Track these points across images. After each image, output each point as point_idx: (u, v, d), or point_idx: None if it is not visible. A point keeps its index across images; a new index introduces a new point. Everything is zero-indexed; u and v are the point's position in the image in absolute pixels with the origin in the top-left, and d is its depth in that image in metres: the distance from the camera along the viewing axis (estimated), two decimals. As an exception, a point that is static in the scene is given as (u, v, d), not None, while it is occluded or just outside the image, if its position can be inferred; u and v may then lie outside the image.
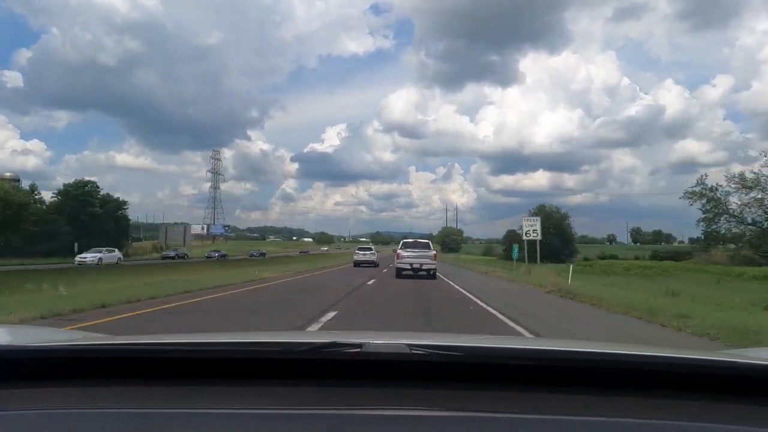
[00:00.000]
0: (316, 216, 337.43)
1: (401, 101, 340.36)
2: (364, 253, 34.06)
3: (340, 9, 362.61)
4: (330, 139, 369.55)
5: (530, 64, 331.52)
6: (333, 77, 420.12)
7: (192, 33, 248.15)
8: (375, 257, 33.76)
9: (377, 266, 31.12)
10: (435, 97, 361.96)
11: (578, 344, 1.61)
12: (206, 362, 1.22)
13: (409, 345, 1.14)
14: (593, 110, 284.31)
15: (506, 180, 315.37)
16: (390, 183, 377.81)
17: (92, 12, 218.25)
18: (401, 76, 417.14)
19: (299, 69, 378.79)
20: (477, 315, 10.23)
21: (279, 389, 1.10)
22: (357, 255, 34.16)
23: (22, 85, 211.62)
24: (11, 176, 62.85)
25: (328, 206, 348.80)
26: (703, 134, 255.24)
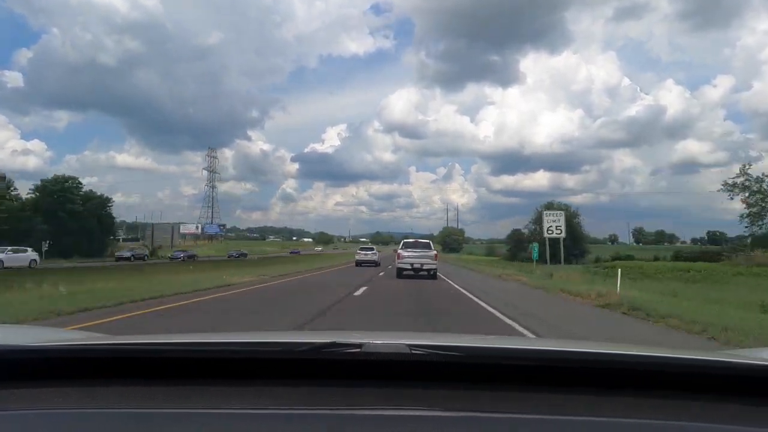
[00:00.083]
0: (317, 216, 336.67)
1: (401, 101, 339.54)
2: (366, 253, 35.03)
3: (341, 9, 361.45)
4: (330, 140, 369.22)
5: (531, 65, 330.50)
6: (333, 77, 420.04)
7: (192, 33, 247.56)
8: (376, 257, 34.52)
9: (378, 265, 31.88)
10: (435, 98, 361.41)
11: (577, 344, 1.58)
12: (206, 362, 1.21)
13: (409, 345, 1.14)
14: (594, 110, 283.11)
15: (507, 180, 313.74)
16: (390, 183, 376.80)
17: (93, 12, 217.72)
18: (402, 77, 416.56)
19: (300, 69, 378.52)
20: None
21: (279, 389, 1.10)
22: (359, 255, 35.31)
23: (23, 85, 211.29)
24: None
25: (329, 206, 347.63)
26: (704, 134, 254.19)
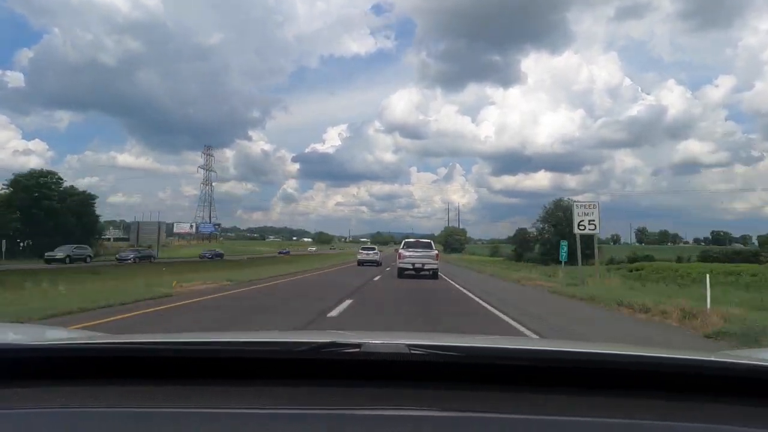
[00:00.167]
0: (317, 216, 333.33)
1: (402, 101, 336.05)
2: (368, 253, 35.15)
3: (342, 9, 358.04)
4: (331, 140, 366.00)
5: (532, 65, 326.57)
6: (334, 77, 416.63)
7: (193, 33, 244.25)
8: (378, 257, 34.64)
9: (380, 265, 32.02)
10: (436, 98, 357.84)
11: (577, 345, 1.60)
12: (206, 362, 1.22)
13: (409, 345, 1.14)
14: (595, 110, 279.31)
15: (508, 180, 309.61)
16: (391, 183, 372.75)
17: (94, 12, 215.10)
18: (402, 77, 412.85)
19: (301, 69, 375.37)
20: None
21: (279, 389, 1.10)
22: (360, 254, 35.41)
23: (24, 86, 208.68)
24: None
25: (330, 207, 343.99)
26: (706, 135, 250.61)
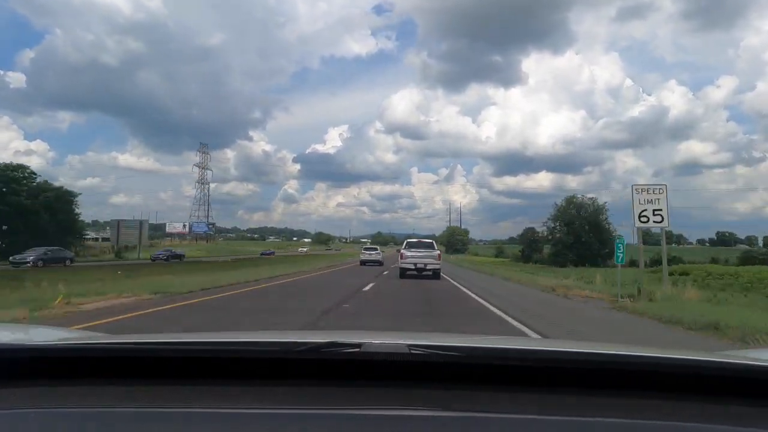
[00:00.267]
0: (318, 217, 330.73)
1: (404, 102, 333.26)
2: (370, 253, 36.37)
3: (343, 9, 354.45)
4: (332, 140, 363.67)
5: (533, 65, 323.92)
6: (335, 78, 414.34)
7: (195, 33, 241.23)
8: (380, 257, 35.56)
9: (381, 264, 32.45)
10: (437, 98, 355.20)
11: (577, 345, 1.59)
12: (206, 362, 1.21)
13: (409, 345, 1.13)
14: (596, 111, 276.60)
15: (509, 181, 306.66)
16: (392, 184, 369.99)
17: (95, 12, 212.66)
18: (404, 77, 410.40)
19: (302, 70, 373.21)
20: None
21: (279, 389, 1.10)
22: (363, 254, 36.78)
23: (26, 86, 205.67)
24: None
25: (330, 207, 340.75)
26: (707, 135, 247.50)
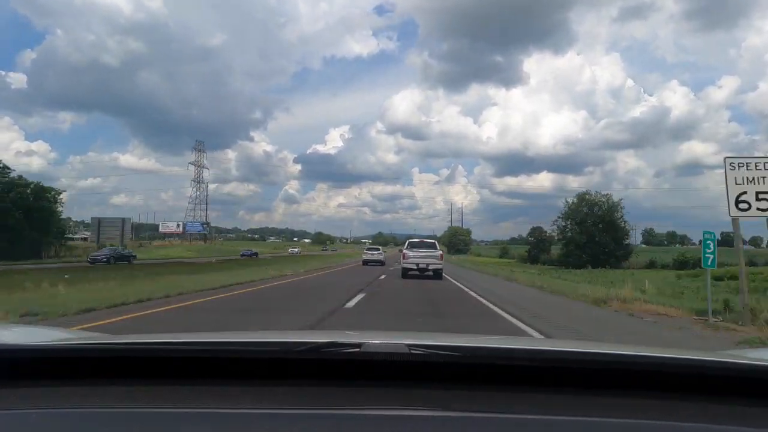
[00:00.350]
0: (319, 218, 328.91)
1: (405, 102, 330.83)
2: (372, 253, 37.29)
3: (344, 10, 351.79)
4: (333, 141, 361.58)
5: (534, 65, 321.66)
6: (337, 78, 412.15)
7: (195, 34, 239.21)
8: (382, 256, 36.09)
9: (384, 264, 32.97)
10: (438, 99, 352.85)
11: (577, 345, 1.54)
12: (206, 362, 1.21)
13: (409, 345, 1.13)
14: (598, 112, 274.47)
15: (510, 181, 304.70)
16: (393, 184, 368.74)
17: (96, 13, 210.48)
18: (405, 78, 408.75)
19: (303, 70, 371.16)
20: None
21: (279, 389, 1.09)
22: (365, 254, 37.84)
23: (27, 87, 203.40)
24: None
25: (331, 208, 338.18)
26: (709, 136, 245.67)
